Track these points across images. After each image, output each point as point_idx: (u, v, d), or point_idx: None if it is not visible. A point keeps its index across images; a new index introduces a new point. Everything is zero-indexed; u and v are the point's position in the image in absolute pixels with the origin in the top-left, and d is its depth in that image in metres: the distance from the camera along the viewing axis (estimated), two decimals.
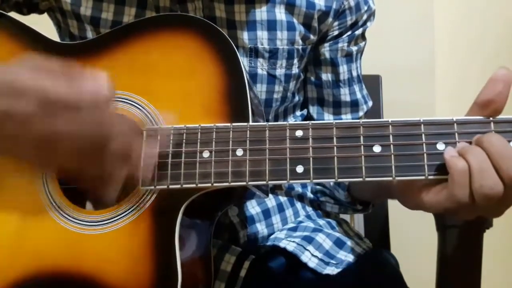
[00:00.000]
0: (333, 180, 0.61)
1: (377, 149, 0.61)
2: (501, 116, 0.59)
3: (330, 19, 0.88)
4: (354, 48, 0.93)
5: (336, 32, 0.90)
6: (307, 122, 0.64)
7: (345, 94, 0.94)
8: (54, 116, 0.57)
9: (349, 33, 0.91)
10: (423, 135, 0.60)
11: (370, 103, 0.99)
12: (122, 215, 0.66)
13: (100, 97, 0.59)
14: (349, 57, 0.93)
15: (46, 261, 0.66)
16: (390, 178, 0.60)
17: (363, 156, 0.61)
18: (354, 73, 0.95)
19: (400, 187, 0.65)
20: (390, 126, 0.61)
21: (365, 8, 0.91)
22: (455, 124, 0.60)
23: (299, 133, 0.63)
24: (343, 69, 0.93)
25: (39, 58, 0.60)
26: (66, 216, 0.67)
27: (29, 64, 0.59)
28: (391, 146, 0.60)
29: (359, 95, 0.96)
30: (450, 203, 0.58)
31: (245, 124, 0.65)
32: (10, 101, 0.56)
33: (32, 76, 0.57)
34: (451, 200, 0.57)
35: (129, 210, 0.66)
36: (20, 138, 0.58)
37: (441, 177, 0.59)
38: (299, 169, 0.62)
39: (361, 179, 0.60)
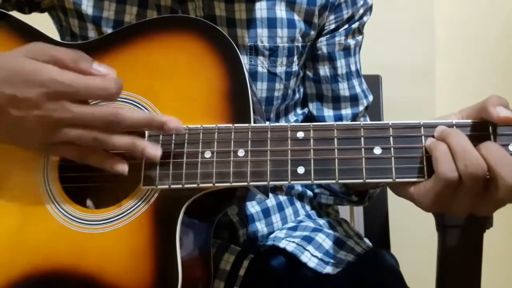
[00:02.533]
0: (334, 181, 0.61)
1: (377, 151, 0.61)
2: None
3: (326, 13, 0.88)
4: (351, 42, 0.93)
5: (332, 26, 0.90)
6: (308, 123, 0.64)
7: (344, 89, 0.94)
8: (57, 103, 0.60)
9: (345, 26, 0.91)
10: (423, 138, 0.60)
11: (371, 98, 0.98)
12: (123, 214, 0.66)
13: (107, 94, 0.62)
14: (347, 51, 0.93)
15: (47, 260, 0.66)
16: (390, 180, 0.60)
17: (363, 158, 0.61)
18: (353, 68, 0.95)
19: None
20: (391, 128, 0.61)
21: (361, 2, 0.91)
22: (454, 127, 0.60)
23: (300, 134, 0.64)
24: (340, 63, 0.93)
25: (47, 46, 0.62)
26: (67, 215, 0.68)
27: (36, 51, 0.61)
28: (392, 148, 0.61)
29: (358, 89, 0.96)
30: (438, 185, 0.57)
31: (247, 125, 0.65)
32: (17, 88, 0.59)
33: (38, 65, 0.60)
34: (438, 180, 0.57)
35: (130, 210, 0.66)
36: (25, 122, 0.61)
37: None
38: (300, 170, 0.62)
39: (361, 180, 0.61)
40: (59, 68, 0.60)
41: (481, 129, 0.59)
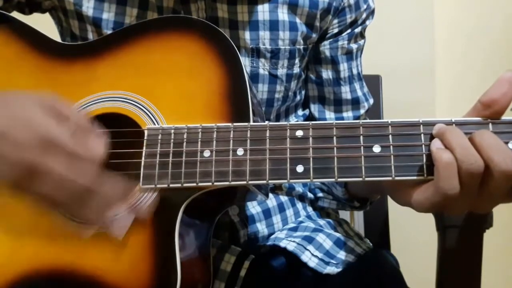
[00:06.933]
0: (333, 180, 0.61)
1: (376, 149, 0.61)
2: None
3: (330, 17, 0.89)
4: (354, 46, 0.93)
5: (336, 30, 0.91)
6: (308, 122, 0.64)
7: (345, 92, 0.95)
8: (48, 153, 0.57)
9: (348, 31, 0.92)
10: (422, 136, 0.60)
11: (371, 101, 0.99)
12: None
13: (97, 156, 0.60)
14: (349, 55, 0.93)
15: (46, 259, 0.66)
16: (390, 178, 0.60)
17: (363, 156, 0.61)
18: (355, 71, 0.95)
19: (393, 184, 0.65)
20: (390, 126, 0.61)
21: (365, 6, 0.91)
22: (453, 125, 0.60)
23: (299, 133, 0.63)
24: (343, 67, 0.93)
25: (56, 101, 0.61)
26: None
27: (45, 104, 0.60)
28: (391, 146, 0.61)
29: (359, 93, 0.96)
30: (436, 197, 0.58)
31: (246, 124, 0.65)
32: (12, 124, 0.57)
33: (43, 117, 0.58)
34: (437, 194, 0.57)
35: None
36: (7, 159, 0.57)
37: None
38: (299, 168, 0.62)
39: (360, 179, 0.61)
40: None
41: (481, 127, 0.59)
